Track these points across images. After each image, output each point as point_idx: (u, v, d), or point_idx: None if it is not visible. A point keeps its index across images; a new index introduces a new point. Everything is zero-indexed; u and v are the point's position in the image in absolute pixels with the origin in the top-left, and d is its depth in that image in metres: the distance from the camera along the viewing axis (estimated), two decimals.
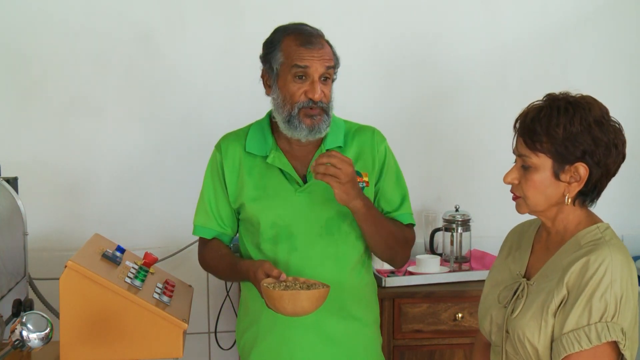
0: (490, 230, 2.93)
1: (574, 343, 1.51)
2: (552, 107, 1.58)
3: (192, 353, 2.84)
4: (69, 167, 2.81)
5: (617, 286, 1.50)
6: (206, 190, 2.08)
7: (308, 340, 1.99)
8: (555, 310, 1.55)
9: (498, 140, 3.06)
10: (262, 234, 2.00)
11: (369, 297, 2.10)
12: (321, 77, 1.91)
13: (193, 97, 2.86)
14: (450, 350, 2.62)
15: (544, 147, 1.57)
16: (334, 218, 1.99)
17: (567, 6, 3.02)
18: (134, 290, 1.86)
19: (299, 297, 1.75)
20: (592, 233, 1.60)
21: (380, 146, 2.06)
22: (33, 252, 2.49)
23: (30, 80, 2.78)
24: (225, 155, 2.04)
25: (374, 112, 2.92)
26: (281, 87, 1.93)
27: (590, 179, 1.57)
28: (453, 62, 2.99)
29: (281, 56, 1.92)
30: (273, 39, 1.96)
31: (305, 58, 1.89)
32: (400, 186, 2.10)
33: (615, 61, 3.06)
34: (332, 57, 1.95)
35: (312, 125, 1.92)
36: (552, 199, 1.60)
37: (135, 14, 2.80)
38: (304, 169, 2.01)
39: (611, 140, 1.56)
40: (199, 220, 2.09)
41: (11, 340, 1.56)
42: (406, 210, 2.10)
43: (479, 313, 1.79)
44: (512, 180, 1.64)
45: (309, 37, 1.91)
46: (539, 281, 1.63)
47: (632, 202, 3.10)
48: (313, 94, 1.89)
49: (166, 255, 2.75)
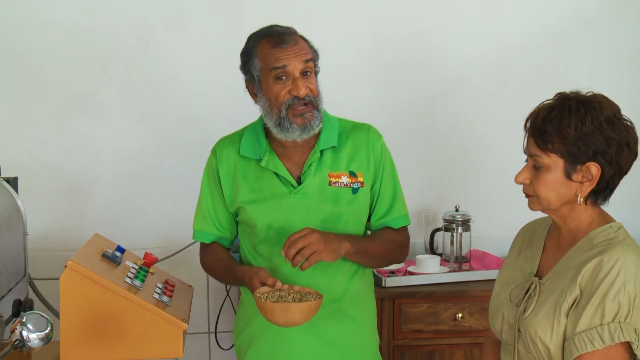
0: (490, 230, 2.93)
1: (586, 343, 1.50)
2: (564, 106, 1.57)
3: (192, 353, 2.84)
4: (69, 167, 2.81)
5: (631, 286, 1.50)
6: (204, 195, 2.08)
7: (304, 341, 1.99)
8: (568, 310, 1.54)
9: (498, 140, 3.08)
10: (259, 236, 2.00)
11: (364, 298, 2.10)
12: (302, 73, 1.90)
13: (193, 97, 2.86)
14: (450, 350, 2.62)
15: (555, 147, 1.56)
16: (329, 219, 1.99)
17: (567, 6, 3.02)
18: (134, 290, 1.86)
19: (289, 309, 1.76)
20: (605, 232, 1.59)
21: (376, 145, 2.04)
22: (33, 252, 2.49)
23: (30, 80, 2.78)
24: (220, 159, 2.04)
25: (374, 112, 2.92)
26: (265, 92, 1.93)
27: (602, 178, 1.56)
28: (453, 62, 2.99)
29: (258, 62, 1.92)
30: (248, 48, 1.96)
31: (281, 58, 1.89)
32: (395, 187, 2.10)
33: (615, 61, 3.06)
34: (309, 51, 1.94)
35: (303, 124, 1.91)
36: (565, 198, 1.59)
37: (135, 14, 2.80)
38: (298, 171, 2.00)
39: (623, 139, 1.56)
40: (198, 224, 2.10)
41: (11, 340, 1.56)
42: (399, 213, 2.10)
43: (490, 311, 1.77)
44: (523, 181, 1.63)
45: (280, 37, 1.91)
46: (551, 280, 1.62)
47: (633, 202, 3.08)
48: (297, 91, 1.89)
49: (166, 255, 2.75)
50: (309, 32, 2.00)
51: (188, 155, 2.83)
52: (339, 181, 2.00)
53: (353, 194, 2.00)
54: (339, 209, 1.99)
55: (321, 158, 2.00)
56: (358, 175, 2.00)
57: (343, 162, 2.01)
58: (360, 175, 2.01)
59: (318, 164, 1.99)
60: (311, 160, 1.99)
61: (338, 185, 1.99)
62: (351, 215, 2.01)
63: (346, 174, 2.00)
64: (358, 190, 2.00)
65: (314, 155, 1.99)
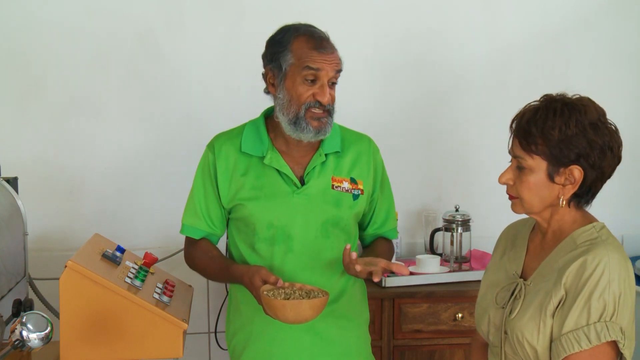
0: (490, 230, 2.92)
1: (573, 343, 1.50)
2: (549, 108, 1.57)
3: (192, 353, 2.84)
4: (69, 167, 2.81)
5: (615, 285, 1.50)
6: (196, 190, 2.07)
7: (301, 341, 1.99)
8: (554, 311, 1.55)
9: (498, 140, 3.05)
10: (258, 234, 2.00)
11: (359, 298, 2.11)
12: (329, 81, 1.93)
13: (193, 97, 2.86)
14: (450, 350, 2.62)
15: (539, 149, 1.56)
16: (330, 221, 2.00)
17: (567, 6, 3.02)
18: (134, 290, 1.86)
19: (301, 306, 1.77)
20: (587, 232, 1.59)
21: (376, 156, 2.10)
22: (33, 252, 2.49)
23: (30, 80, 2.78)
24: (218, 155, 2.03)
25: (374, 112, 2.93)
26: (289, 88, 1.93)
27: (584, 181, 1.57)
28: (453, 62, 2.99)
29: (291, 57, 1.91)
30: (282, 39, 1.94)
31: (318, 61, 1.90)
32: (390, 199, 2.15)
33: (615, 61, 3.06)
34: (340, 62, 1.96)
35: (319, 127, 1.92)
36: (547, 200, 1.60)
37: (135, 14, 2.80)
38: (301, 171, 2.01)
39: (606, 143, 1.56)
40: (188, 219, 2.08)
41: (11, 340, 1.56)
42: (392, 226, 2.16)
43: (476, 314, 1.78)
44: (506, 181, 1.64)
45: (321, 41, 1.92)
46: (535, 281, 1.62)
47: (632, 202, 3.10)
48: (322, 97, 1.90)
49: (166, 255, 2.75)
50: None
51: (188, 155, 2.82)
52: (341, 186, 2.01)
53: (353, 200, 2.02)
54: (340, 212, 2.00)
55: (325, 162, 2.01)
56: (359, 182, 2.03)
57: (345, 168, 2.03)
58: (361, 183, 2.03)
59: (322, 167, 2.01)
60: (316, 162, 2.00)
61: (340, 189, 2.01)
62: (349, 220, 2.03)
63: (347, 180, 2.02)
64: (358, 197, 2.02)
65: (319, 158, 2.00)
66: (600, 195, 1.66)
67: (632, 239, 3.05)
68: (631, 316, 1.54)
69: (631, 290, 1.54)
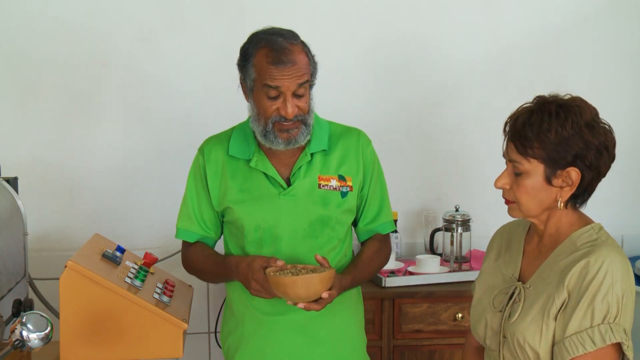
0: (490, 230, 2.88)
1: (577, 346, 1.49)
2: (543, 110, 1.56)
3: (192, 353, 2.84)
4: (69, 167, 2.81)
5: (618, 287, 1.50)
6: (189, 194, 2.07)
7: (294, 341, 1.99)
8: (556, 314, 1.53)
9: (498, 140, 3.04)
10: (247, 237, 2.00)
11: (353, 298, 2.09)
12: (294, 94, 1.88)
13: (193, 97, 2.86)
14: (450, 350, 2.62)
15: (535, 152, 1.55)
16: (317, 221, 1.99)
17: (568, 6, 3.02)
18: (134, 290, 1.86)
19: (312, 280, 1.77)
20: (587, 234, 1.59)
21: (365, 150, 2.05)
22: (33, 252, 2.49)
23: (30, 80, 2.78)
24: (208, 158, 2.03)
25: (373, 112, 2.93)
26: (256, 102, 1.92)
27: (581, 182, 1.56)
28: (453, 62, 2.99)
29: (254, 72, 1.89)
30: (247, 50, 1.92)
31: (276, 78, 1.85)
32: (383, 193, 2.10)
33: (616, 61, 3.06)
34: (307, 70, 1.89)
35: (288, 139, 1.91)
36: (545, 203, 1.59)
37: (135, 14, 2.80)
38: (287, 172, 2.00)
39: (602, 143, 1.55)
40: (182, 223, 2.08)
41: (11, 340, 1.56)
42: (386, 219, 2.11)
43: (472, 317, 1.76)
44: (503, 186, 1.62)
45: (280, 55, 1.85)
46: (535, 284, 1.61)
47: (632, 202, 3.10)
48: (285, 112, 1.87)
49: (166, 255, 2.75)
50: (308, 33, 2.00)
51: (188, 155, 2.79)
52: (328, 184, 2.00)
53: (342, 197, 2.00)
54: (328, 212, 1.99)
55: (311, 161, 2.00)
56: (347, 179, 2.01)
57: (332, 166, 2.01)
58: (349, 179, 2.01)
59: (308, 167, 1.99)
60: (301, 162, 1.98)
61: (327, 188, 1.99)
62: (339, 218, 2.01)
63: (335, 178, 2.01)
64: (347, 194, 2.00)
65: (304, 158, 1.98)
66: (600, 195, 1.66)
67: (632, 239, 3.05)
68: (632, 317, 1.54)
69: (632, 290, 1.53)
